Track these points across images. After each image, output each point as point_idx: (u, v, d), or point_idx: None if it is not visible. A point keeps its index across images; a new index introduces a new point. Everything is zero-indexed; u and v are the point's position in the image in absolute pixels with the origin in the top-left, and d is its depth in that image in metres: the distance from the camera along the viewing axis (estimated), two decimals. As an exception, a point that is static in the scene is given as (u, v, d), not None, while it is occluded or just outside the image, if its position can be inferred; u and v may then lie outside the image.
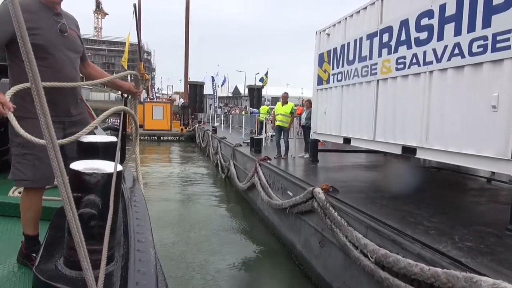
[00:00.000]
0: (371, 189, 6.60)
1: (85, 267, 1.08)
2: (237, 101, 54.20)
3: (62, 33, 2.45)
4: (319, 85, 9.69)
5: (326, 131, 9.29)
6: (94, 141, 1.88)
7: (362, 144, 7.58)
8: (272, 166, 9.33)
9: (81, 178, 1.37)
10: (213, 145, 20.63)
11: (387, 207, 5.34)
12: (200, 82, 52.47)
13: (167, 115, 33.93)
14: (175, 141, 33.03)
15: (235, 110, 34.64)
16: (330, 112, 9.08)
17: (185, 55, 43.44)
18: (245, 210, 11.22)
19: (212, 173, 18.07)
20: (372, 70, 7.12)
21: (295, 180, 7.49)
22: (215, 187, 15.07)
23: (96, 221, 1.36)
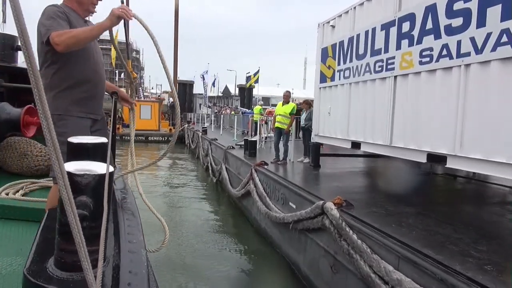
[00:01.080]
0: (389, 202, 5.68)
1: (85, 267, 1.11)
2: (227, 100, 53.18)
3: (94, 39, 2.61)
4: (322, 83, 8.76)
5: (330, 133, 8.36)
6: (84, 142, 1.78)
7: (375, 150, 6.66)
8: (270, 173, 8.37)
9: (72, 179, 1.30)
10: (203, 147, 19.61)
11: (416, 228, 4.41)
12: (190, 81, 51.40)
13: (155, 114, 32.77)
14: (163, 141, 31.85)
15: (226, 110, 33.61)
16: (335, 113, 8.16)
17: (174, 53, 42.21)
18: (239, 220, 10.25)
19: (202, 176, 17.05)
20: (388, 65, 6.21)
21: (299, 191, 6.54)
22: (205, 193, 14.05)
23: (88, 223, 1.33)
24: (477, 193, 7.15)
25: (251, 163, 9.85)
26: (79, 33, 2.38)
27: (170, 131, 33.57)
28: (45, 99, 0.96)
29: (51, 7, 2.48)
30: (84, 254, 1.10)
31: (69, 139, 1.77)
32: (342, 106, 7.79)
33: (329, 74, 8.38)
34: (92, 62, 2.64)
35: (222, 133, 22.24)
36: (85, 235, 1.24)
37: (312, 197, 6.03)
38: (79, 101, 2.55)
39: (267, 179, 8.36)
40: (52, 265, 1.40)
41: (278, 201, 7.53)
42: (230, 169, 12.52)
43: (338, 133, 7.97)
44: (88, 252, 1.21)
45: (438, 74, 5.11)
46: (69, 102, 2.47)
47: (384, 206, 5.48)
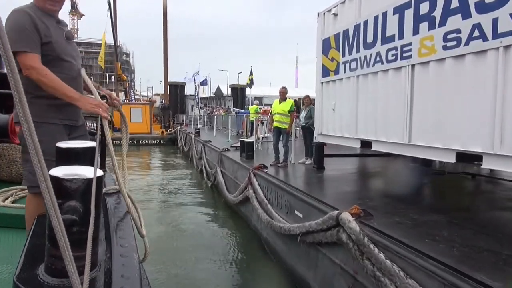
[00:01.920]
0: (410, 209, 4.95)
1: (71, 271, 1.10)
2: (220, 101, 52.35)
3: (68, 40, 2.53)
4: (325, 77, 8.02)
5: (336, 132, 7.63)
6: (73, 146, 1.75)
7: (390, 149, 5.93)
8: (271, 177, 7.61)
9: (61, 184, 1.31)
10: (196, 149, 18.81)
11: (455, 243, 3.68)
12: (181, 82, 50.45)
13: (146, 117, 31.88)
14: (155, 144, 31.01)
15: (219, 110, 32.79)
16: (341, 110, 7.42)
17: (164, 54, 41.37)
18: (237, 228, 9.49)
19: (196, 180, 16.25)
20: (403, 53, 5.48)
21: (306, 198, 5.79)
22: (200, 198, 13.26)
23: (77, 228, 1.31)
24: (504, 194, 6.44)
25: (249, 167, 9.09)
26: (52, 83, 2.29)
27: (162, 134, 32.75)
28: (26, 103, 0.96)
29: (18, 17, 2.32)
30: (69, 259, 1.10)
31: (57, 144, 1.74)
32: (349, 101, 7.05)
33: (332, 67, 7.65)
34: (68, 66, 2.50)
35: (216, 134, 21.45)
36: (76, 240, 1.24)
37: (322, 205, 5.28)
38: (55, 107, 2.44)
39: (268, 184, 7.61)
40: (43, 271, 1.38)
41: (281, 209, 6.78)
42: (225, 172, 11.75)
43: (345, 131, 7.23)
44: (79, 257, 1.20)
45: (469, 59, 4.38)
46: (44, 108, 2.38)
47: (407, 214, 4.75)
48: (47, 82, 2.28)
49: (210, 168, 14.34)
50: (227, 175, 11.43)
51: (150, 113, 33.96)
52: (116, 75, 35.97)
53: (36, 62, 2.29)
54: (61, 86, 2.32)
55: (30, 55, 2.27)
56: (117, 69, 35.28)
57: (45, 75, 2.28)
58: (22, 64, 2.25)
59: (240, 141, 11.23)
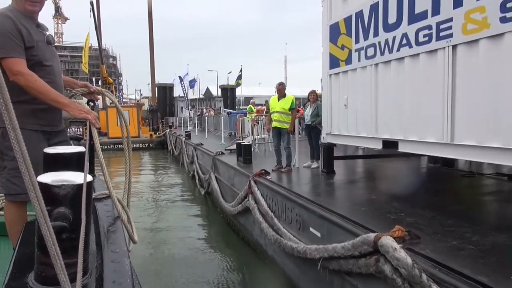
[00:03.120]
0: (466, 228, 3.92)
1: (62, 280, 1.08)
2: (210, 102, 51.24)
3: (49, 44, 2.50)
4: (334, 68, 6.98)
5: (349, 131, 6.59)
6: (61, 152, 1.73)
7: (425, 150, 4.90)
8: (275, 186, 6.54)
9: (50, 191, 1.29)
10: (187, 153, 17.68)
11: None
12: (169, 84, 49.28)
13: (134, 120, 30.57)
14: (144, 148, 29.79)
15: (209, 111, 31.65)
16: (355, 105, 6.39)
17: (150, 55, 40.06)
18: (236, 241, 8.44)
19: (188, 187, 15.13)
20: (440, 32, 4.46)
21: (324, 212, 4.73)
22: (193, 207, 12.17)
23: (67, 234, 1.29)
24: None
25: (248, 173, 8.02)
26: (41, 89, 2.26)
27: (151, 137, 31.51)
28: (13, 113, 0.98)
29: (1, 21, 2.27)
30: (60, 267, 1.09)
31: (45, 150, 1.74)
32: (366, 94, 6.02)
33: (343, 56, 6.61)
34: (50, 71, 2.46)
35: (208, 136, 20.31)
36: (66, 247, 1.24)
37: (347, 223, 4.24)
38: (35, 113, 2.38)
39: (272, 193, 6.54)
40: (33, 279, 1.35)
41: (291, 224, 5.72)
42: (220, 179, 10.65)
43: (362, 130, 6.20)
44: (69, 264, 1.21)
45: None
46: (22, 114, 2.24)
47: (462, 234, 3.71)
48: (36, 88, 2.24)
49: (203, 174, 13.23)
50: (223, 181, 10.33)
51: (138, 116, 32.71)
52: (102, 78, 34.61)
53: (23, 67, 2.25)
54: (50, 92, 2.29)
55: (17, 61, 2.24)
56: (102, 72, 33.92)
57: (34, 81, 2.23)
58: (9, 70, 2.20)
59: (236, 143, 10.13)
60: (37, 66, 2.37)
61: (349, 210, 4.72)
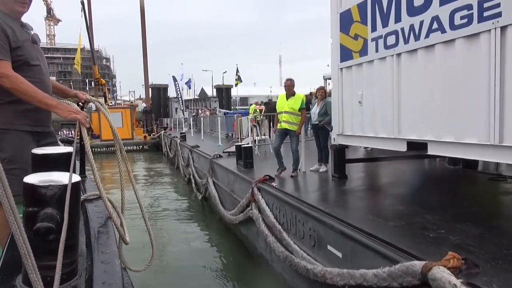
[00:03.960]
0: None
1: (34, 280, 1.07)
2: (205, 102, 50.40)
3: (35, 44, 2.44)
4: (345, 61, 6.24)
5: (364, 131, 5.85)
6: (49, 152, 1.71)
7: (463, 153, 4.15)
8: (283, 194, 5.78)
9: (36, 192, 1.27)
10: (183, 156, 16.88)
11: None
12: (164, 84, 48.37)
13: (127, 122, 29.71)
14: (138, 151, 28.91)
15: (205, 112, 30.83)
16: (372, 101, 5.65)
17: (143, 55, 39.16)
18: (238, 253, 7.68)
19: (184, 191, 14.34)
20: (483, 12, 3.72)
21: (346, 229, 3.98)
22: (189, 213, 11.38)
23: (54, 235, 1.24)
24: None
25: (250, 179, 7.27)
26: (28, 92, 2.20)
27: (145, 139, 30.68)
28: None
29: None
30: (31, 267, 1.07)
31: (33, 151, 1.74)
32: (385, 89, 5.28)
33: (357, 47, 5.87)
34: (37, 70, 2.41)
35: (204, 138, 19.53)
36: (53, 249, 1.21)
37: (377, 244, 3.49)
38: (24, 113, 2.33)
39: (280, 203, 5.79)
40: (21, 282, 1.34)
41: (303, 240, 4.97)
42: (219, 184, 9.88)
43: (381, 130, 5.46)
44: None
45: None
46: (12, 115, 2.27)
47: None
48: (22, 90, 2.19)
49: (199, 178, 12.46)
50: (221, 187, 9.57)
51: (131, 117, 31.85)
52: (94, 79, 33.70)
53: (9, 69, 2.20)
54: (37, 94, 2.23)
55: (2, 63, 2.18)
56: (95, 73, 33.02)
57: (19, 83, 2.17)
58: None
59: (236, 146, 9.36)
60: (25, 66, 2.32)
61: (376, 225, 3.97)
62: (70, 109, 2.25)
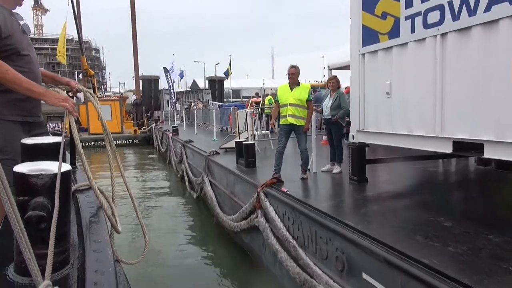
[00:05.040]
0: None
1: (33, 270, 1.08)
2: (197, 95, 49.22)
3: (24, 34, 2.43)
4: (369, 45, 5.31)
5: (394, 128, 4.94)
6: (39, 142, 1.69)
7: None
8: (298, 203, 4.86)
9: (27, 181, 1.28)
10: (175, 151, 15.90)
11: None
12: (155, 76, 47.04)
13: (116, 115, 28.50)
14: (128, 145, 27.77)
15: (198, 104, 29.76)
16: (404, 92, 4.74)
17: (133, 45, 37.79)
18: (239, 262, 6.80)
19: (176, 189, 13.39)
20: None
21: (395, 258, 3.08)
22: (183, 215, 10.43)
23: (46, 224, 1.25)
24: None
25: (254, 181, 6.36)
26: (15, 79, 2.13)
27: (135, 133, 29.54)
28: None
29: None
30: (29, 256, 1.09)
31: (22, 141, 1.73)
32: (423, 78, 4.37)
33: (385, 28, 4.94)
34: (28, 60, 2.39)
35: (197, 132, 18.54)
36: (45, 237, 1.21)
37: (442, 283, 2.60)
38: (14, 103, 2.31)
39: (293, 212, 4.88)
40: (12, 271, 1.34)
41: (327, 261, 4.06)
42: (216, 184, 8.95)
43: (416, 126, 4.55)
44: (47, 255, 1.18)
45: None
46: (2, 104, 2.26)
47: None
48: (9, 78, 2.13)
49: (194, 176, 11.51)
50: (219, 187, 8.64)
51: (121, 110, 30.66)
52: (83, 70, 32.34)
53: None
54: (24, 82, 2.17)
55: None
56: (83, 64, 31.68)
57: (5, 71, 2.10)
58: None
59: (236, 142, 8.41)
60: (14, 56, 2.29)
61: (432, 251, 3.07)
62: (58, 97, 2.21)
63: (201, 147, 11.61)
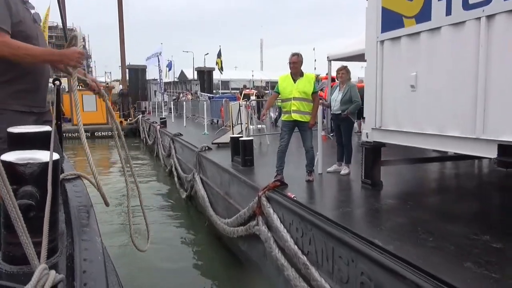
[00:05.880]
0: None
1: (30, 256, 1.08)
2: (185, 85, 48.16)
3: (35, 22, 2.43)
4: (390, 30, 4.63)
5: (419, 126, 4.29)
6: (26, 131, 1.65)
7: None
8: (310, 213, 4.18)
9: (15, 169, 1.24)
10: (163, 144, 15.10)
11: None
12: (142, 65, 45.81)
13: (101, 105, 27.45)
14: (113, 136, 26.73)
15: (187, 95, 28.83)
16: (433, 85, 4.08)
17: (120, 33, 36.52)
18: (237, 273, 6.14)
19: (165, 185, 12.63)
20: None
21: (423, 282, 2.44)
22: (172, 214, 9.72)
23: (35, 213, 1.25)
24: None
25: (254, 183, 5.67)
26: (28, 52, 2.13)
27: (122, 124, 28.52)
28: None
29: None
30: (28, 244, 1.08)
31: (8, 129, 1.68)
32: (461, 68, 3.72)
33: (412, 10, 4.26)
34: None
35: (186, 124, 17.72)
36: (33, 226, 1.19)
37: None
38: (22, 93, 2.30)
39: (303, 223, 4.21)
40: (0, 260, 1.33)
41: (348, 284, 3.40)
42: (208, 183, 8.23)
43: (449, 125, 3.90)
44: (37, 243, 1.16)
45: None
46: (9, 94, 2.23)
47: None
48: (22, 53, 2.10)
49: (183, 172, 10.75)
50: (212, 187, 7.92)
51: (106, 100, 29.57)
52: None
53: (8, 37, 2.11)
54: (37, 51, 2.19)
55: (2, 32, 2.10)
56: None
57: (18, 47, 2.10)
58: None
59: (231, 138, 7.69)
60: (25, 42, 2.19)
61: (491, 286, 2.43)
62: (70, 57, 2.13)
63: (191, 141, 10.86)
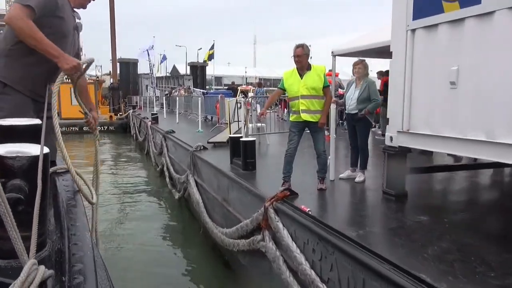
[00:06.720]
0: None
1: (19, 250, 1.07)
2: (177, 80, 47.23)
3: (75, 30, 2.63)
4: (425, 17, 3.95)
5: (461, 130, 3.61)
6: (16, 124, 1.60)
7: None
8: (332, 233, 3.49)
9: (3, 163, 1.22)
10: (154, 142, 14.32)
11: None
12: (133, 59, 44.77)
13: (91, 99, 26.52)
14: (102, 132, 25.85)
15: (180, 91, 28.00)
16: (483, 82, 3.41)
17: (111, 26, 35.48)
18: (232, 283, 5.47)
19: (155, 185, 11.89)
20: None
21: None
22: (163, 219, 9.01)
23: (23, 207, 1.23)
24: None
25: (257, 191, 4.98)
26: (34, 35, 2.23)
27: (111, 119, 27.63)
28: None
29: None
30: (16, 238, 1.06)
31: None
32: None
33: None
34: (63, 48, 2.41)
35: (179, 120, 16.93)
36: (22, 220, 1.17)
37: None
38: (32, 79, 2.39)
39: (320, 243, 3.52)
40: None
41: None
42: (204, 186, 7.51)
43: (502, 131, 3.23)
44: (27, 238, 1.14)
45: None
46: (20, 76, 2.33)
47: None
48: (29, 33, 2.18)
49: (176, 173, 10.02)
50: (208, 191, 7.21)
51: (96, 94, 28.62)
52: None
53: (28, 16, 2.20)
54: (43, 40, 2.22)
55: (28, 9, 2.19)
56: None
57: (31, 27, 2.19)
58: (15, 13, 2.20)
59: (230, 138, 6.96)
60: (58, 39, 2.36)
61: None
62: (68, 62, 2.27)
63: (185, 140, 10.11)
